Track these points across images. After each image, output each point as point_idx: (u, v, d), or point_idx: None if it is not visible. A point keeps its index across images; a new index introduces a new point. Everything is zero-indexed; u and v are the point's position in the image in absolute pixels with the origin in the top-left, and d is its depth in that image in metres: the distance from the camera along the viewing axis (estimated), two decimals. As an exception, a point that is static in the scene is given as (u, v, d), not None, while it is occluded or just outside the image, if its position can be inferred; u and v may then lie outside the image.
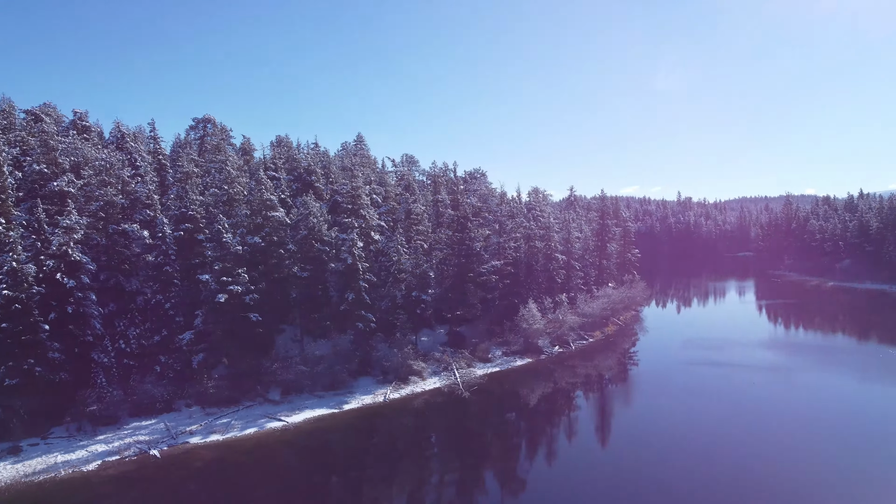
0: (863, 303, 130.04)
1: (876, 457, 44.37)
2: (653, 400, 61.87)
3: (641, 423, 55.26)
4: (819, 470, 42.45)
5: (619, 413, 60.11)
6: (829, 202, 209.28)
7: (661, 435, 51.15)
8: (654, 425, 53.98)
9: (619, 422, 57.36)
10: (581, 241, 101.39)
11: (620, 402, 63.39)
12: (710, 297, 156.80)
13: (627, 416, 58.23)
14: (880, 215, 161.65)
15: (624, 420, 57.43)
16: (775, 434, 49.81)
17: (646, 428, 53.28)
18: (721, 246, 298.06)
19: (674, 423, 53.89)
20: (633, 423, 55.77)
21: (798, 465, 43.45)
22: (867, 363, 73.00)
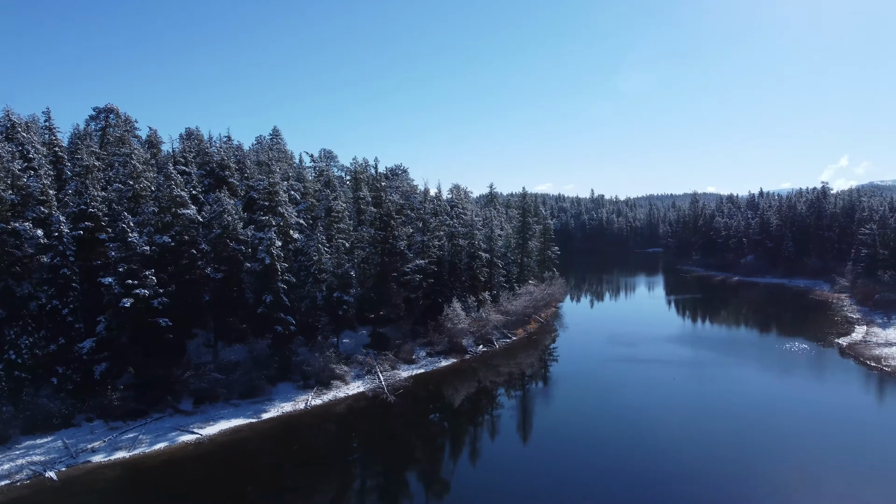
0: (763, 296, 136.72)
1: (792, 445, 45.81)
2: (574, 396, 62.57)
3: (563, 419, 55.98)
4: (738, 460, 43.29)
5: (541, 410, 60.21)
6: (732, 200, 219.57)
7: (583, 431, 52.07)
8: (576, 422, 54.80)
9: (542, 419, 57.52)
10: (503, 238, 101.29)
11: (543, 400, 63.48)
12: (624, 293, 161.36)
13: (550, 413, 58.75)
14: (779, 213, 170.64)
15: (546, 417, 57.86)
16: (698, 428, 50.82)
17: (567, 424, 54.26)
18: (632, 242, 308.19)
19: (595, 420, 54.78)
20: (555, 419, 56.41)
21: (719, 458, 44.28)
22: (769, 356, 75.98)
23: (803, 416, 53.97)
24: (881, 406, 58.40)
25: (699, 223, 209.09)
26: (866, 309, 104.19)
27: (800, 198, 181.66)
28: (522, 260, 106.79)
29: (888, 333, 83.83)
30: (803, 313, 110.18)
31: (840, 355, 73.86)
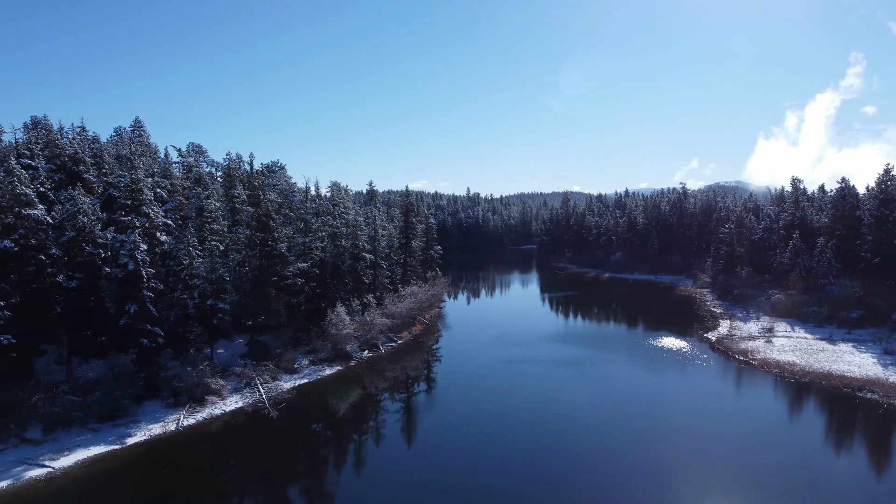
0: (634, 292, 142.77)
1: (678, 439, 46.77)
2: (460, 399, 61.53)
3: (448, 422, 54.99)
4: (626, 456, 43.52)
5: (426, 414, 58.43)
6: (602, 200, 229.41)
7: (468, 434, 51.47)
8: (461, 424, 54.03)
9: (427, 422, 55.96)
10: (386, 238, 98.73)
11: (428, 403, 61.70)
12: (503, 291, 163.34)
13: (435, 417, 57.18)
14: (645, 213, 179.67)
15: (432, 420, 56.27)
16: (585, 430, 50.84)
17: (452, 427, 53.57)
18: (507, 239, 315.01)
19: (481, 422, 53.96)
20: (441, 422, 55.16)
21: (606, 453, 44.32)
22: (648, 352, 78.27)
23: (686, 412, 55.56)
24: (752, 398, 61.30)
25: (571, 222, 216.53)
26: (727, 303, 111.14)
27: (662, 198, 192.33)
28: (406, 260, 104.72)
29: (749, 327, 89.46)
30: (672, 309, 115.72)
31: (711, 350, 77.48)
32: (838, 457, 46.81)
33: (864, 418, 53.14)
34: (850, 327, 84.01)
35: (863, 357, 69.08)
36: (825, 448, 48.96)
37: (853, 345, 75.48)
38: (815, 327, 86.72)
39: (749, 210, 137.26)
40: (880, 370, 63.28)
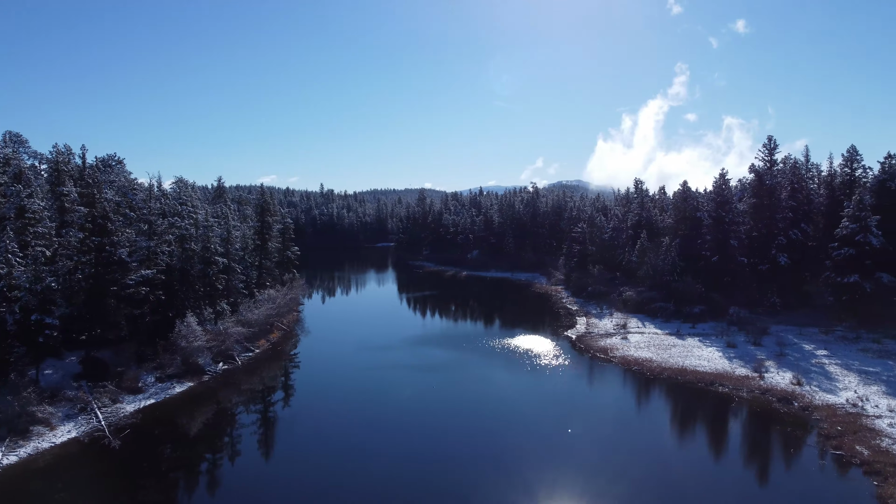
0: (493, 290, 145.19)
1: (548, 438, 46.46)
2: (323, 408, 58.03)
3: (311, 433, 51.79)
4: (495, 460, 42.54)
5: (286, 426, 54.52)
6: (457, 198, 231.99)
7: (330, 444, 48.93)
8: (325, 434, 51.17)
9: (288, 434, 52.24)
10: (240, 239, 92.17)
11: (289, 414, 57.69)
12: (361, 291, 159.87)
13: (297, 428, 53.31)
14: (501, 212, 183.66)
15: (293, 432, 52.51)
16: (455, 436, 49.28)
17: (315, 438, 50.71)
18: (362, 237, 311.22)
19: (344, 432, 51.10)
20: (303, 434, 51.66)
21: (475, 458, 43.04)
22: (513, 352, 78.43)
23: (559, 413, 55.51)
24: (618, 396, 62.92)
25: (429, 220, 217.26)
26: (581, 300, 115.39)
27: (516, 197, 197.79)
28: (262, 262, 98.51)
29: (605, 324, 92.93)
30: (531, 306, 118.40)
31: (573, 349, 79.22)
32: (701, 450, 48.52)
33: (720, 411, 55.97)
34: (694, 321, 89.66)
35: (710, 351, 73.48)
36: (689, 443, 50.64)
37: (699, 339, 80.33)
38: (663, 322, 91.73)
39: (599, 210, 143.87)
40: (727, 364, 67.39)
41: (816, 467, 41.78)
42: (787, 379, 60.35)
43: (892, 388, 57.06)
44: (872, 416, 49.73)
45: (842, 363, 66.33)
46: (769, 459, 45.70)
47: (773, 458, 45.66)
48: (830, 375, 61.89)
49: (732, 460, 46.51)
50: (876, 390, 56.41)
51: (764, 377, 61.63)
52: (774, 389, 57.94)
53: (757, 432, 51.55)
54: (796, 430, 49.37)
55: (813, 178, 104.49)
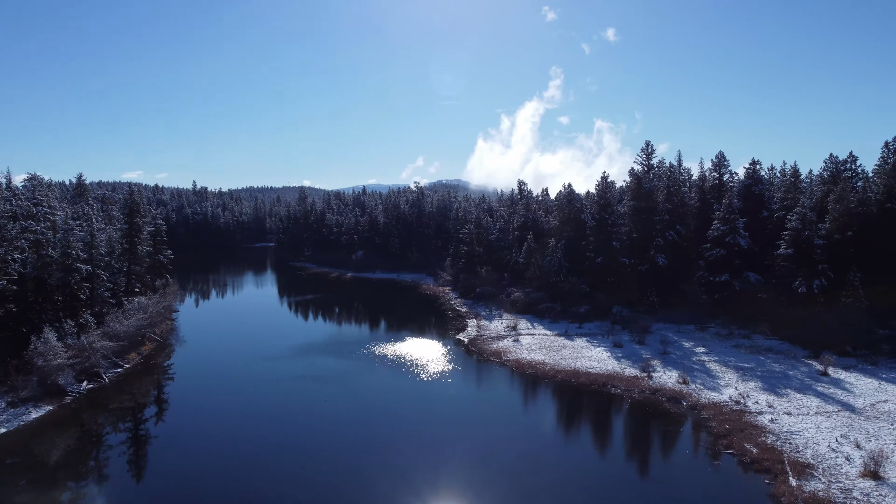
0: (380, 292, 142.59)
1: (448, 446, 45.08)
2: (199, 424, 54.00)
3: (186, 452, 48.19)
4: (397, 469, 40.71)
5: (160, 446, 49.99)
6: (340, 197, 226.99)
7: (206, 462, 45.90)
8: (200, 453, 47.89)
9: (161, 454, 48.03)
10: (105, 243, 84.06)
11: (164, 433, 53.02)
12: (240, 296, 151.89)
13: (172, 448, 49.13)
14: (386, 212, 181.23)
15: (168, 451, 48.33)
16: (351, 450, 46.81)
17: (190, 457, 47.23)
18: (239, 237, 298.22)
19: (222, 447, 48.03)
20: (178, 453, 47.86)
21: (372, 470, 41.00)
22: (405, 358, 76.40)
23: (459, 419, 54.25)
24: (515, 401, 62.63)
25: (311, 220, 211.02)
26: (470, 301, 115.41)
27: (401, 197, 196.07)
28: (130, 268, 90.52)
29: (495, 326, 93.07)
30: (421, 309, 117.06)
31: (467, 353, 78.39)
32: (601, 453, 48.79)
33: (616, 413, 56.97)
34: (580, 321, 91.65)
35: (599, 351, 75.03)
36: (589, 446, 50.87)
37: (587, 339, 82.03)
38: (551, 323, 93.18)
39: (485, 211, 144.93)
40: (616, 364, 68.91)
41: (712, 468, 42.83)
42: (673, 378, 62.38)
43: (767, 383, 60.31)
44: (755, 413, 52.07)
45: (720, 360, 69.66)
46: (668, 461, 46.48)
47: (671, 460, 46.48)
48: (712, 373, 64.68)
49: (632, 463, 47.16)
50: (754, 386, 59.39)
51: (652, 377, 63.43)
52: (663, 389, 59.64)
53: (653, 434, 52.63)
54: (689, 430, 50.89)
55: (685, 181, 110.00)
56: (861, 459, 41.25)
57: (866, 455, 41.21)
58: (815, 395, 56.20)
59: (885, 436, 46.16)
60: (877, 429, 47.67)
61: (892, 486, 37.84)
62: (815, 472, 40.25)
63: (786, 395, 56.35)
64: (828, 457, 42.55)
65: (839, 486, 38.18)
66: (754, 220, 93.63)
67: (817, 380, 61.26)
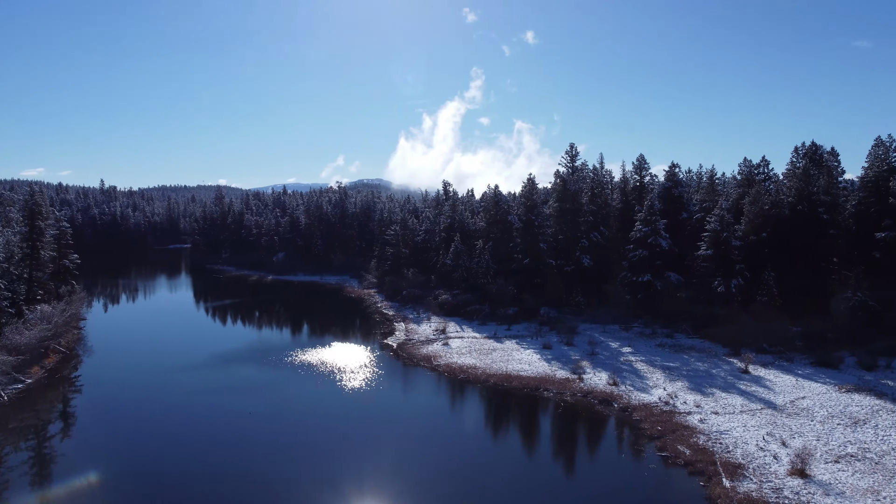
0: (303, 296, 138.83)
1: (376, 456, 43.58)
2: (114, 438, 50.29)
3: (97, 463, 45.04)
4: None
5: (67, 461, 46.51)
6: (259, 197, 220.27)
7: (126, 475, 43.07)
8: (117, 464, 44.98)
9: (69, 469, 44.60)
10: (2, 247, 77.64)
11: (70, 448, 49.38)
12: (153, 301, 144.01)
13: (80, 461, 45.69)
14: (308, 212, 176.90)
15: (75, 466, 44.91)
16: (280, 467, 44.57)
17: (104, 467, 44.48)
18: (151, 238, 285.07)
19: (131, 464, 44.46)
20: (89, 465, 44.62)
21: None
22: (333, 365, 73.84)
23: (395, 429, 52.63)
24: (448, 407, 61.51)
25: (228, 220, 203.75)
26: (397, 304, 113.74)
27: (323, 197, 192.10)
28: (31, 275, 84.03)
29: (424, 329, 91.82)
30: (346, 312, 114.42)
31: (396, 358, 76.74)
32: (537, 459, 48.25)
33: (550, 417, 56.80)
34: (509, 323, 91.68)
35: (529, 354, 74.99)
36: (525, 452, 50.28)
37: (517, 341, 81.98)
38: (479, 325, 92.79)
39: (410, 212, 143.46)
40: (547, 367, 68.96)
41: (648, 472, 42.93)
42: (603, 380, 62.88)
43: (693, 382, 61.64)
44: (684, 413, 52.95)
45: (646, 360, 70.89)
46: (605, 466, 46.35)
47: (608, 465, 46.39)
48: (640, 373, 65.64)
49: (569, 469, 46.77)
50: (681, 386, 60.56)
51: (583, 379, 63.74)
52: (595, 391, 59.96)
53: (588, 438, 52.76)
54: (623, 433, 51.17)
55: (607, 183, 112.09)
56: (788, 458, 42.35)
57: (792, 453, 42.34)
58: (739, 394, 57.79)
59: (806, 432, 47.75)
60: (798, 425, 49.29)
61: (819, 483, 38.94)
62: (746, 472, 41.01)
63: (712, 395, 57.67)
64: (757, 456, 43.52)
65: (770, 485, 38.98)
66: (674, 221, 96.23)
67: (739, 378, 63.13)
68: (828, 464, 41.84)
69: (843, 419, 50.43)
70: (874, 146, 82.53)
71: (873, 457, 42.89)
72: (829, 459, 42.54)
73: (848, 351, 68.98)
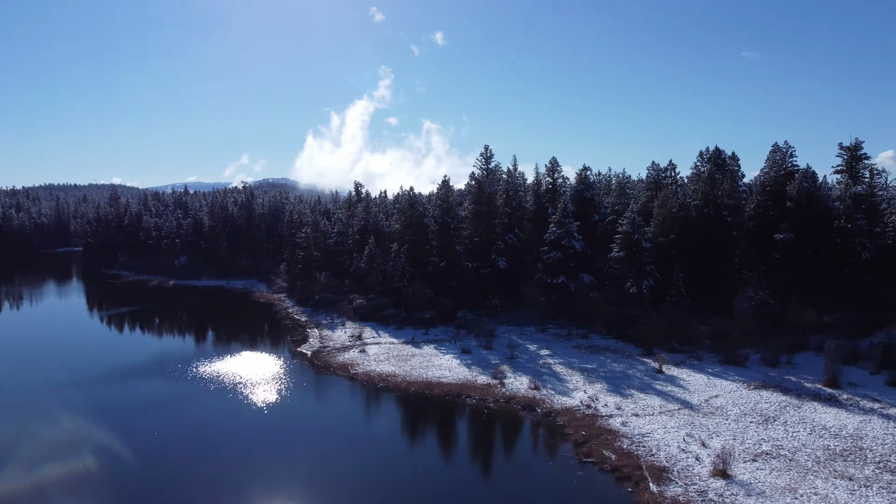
0: (208, 301, 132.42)
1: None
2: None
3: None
4: None
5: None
6: (159, 197, 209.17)
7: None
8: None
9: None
10: None
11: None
12: (41, 310, 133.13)
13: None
14: (212, 214, 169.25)
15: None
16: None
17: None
18: (38, 241, 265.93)
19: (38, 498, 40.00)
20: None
21: None
22: (246, 376, 70.06)
23: (313, 443, 50.10)
24: (368, 417, 59.52)
25: (125, 222, 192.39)
26: (309, 309, 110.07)
27: (228, 197, 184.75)
28: None
29: (339, 335, 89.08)
30: (256, 319, 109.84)
31: (311, 367, 73.78)
32: (463, 469, 47.06)
33: (474, 425, 55.75)
34: (426, 327, 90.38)
35: (448, 359, 73.91)
36: (449, 462, 48.97)
37: (435, 346, 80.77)
38: (396, 330, 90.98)
39: (322, 214, 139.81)
40: (468, 372, 68.07)
41: (577, 479, 42.50)
42: (525, 384, 62.57)
43: (611, 384, 62.33)
44: (606, 416, 53.29)
45: (564, 362, 71.33)
46: (534, 475, 45.12)
47: (537, 474, 45.33)
48: (560, 376, 65.83)
49: (498, 479, 45.66)
50: (601, 388, 61.08)
51: (505, 384, 63.23)
52: (517, 397, 59.51)
53: (514, 445, 52.25)
54: (548, 440, 50.73)
55: (521, 185, 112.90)
56: (709, 458, 43.13)
57: (713, 454, 43.21)
58: (657, 394, 58.86)
59: (723, 431, 48.97)
60: (715, 425, 50.52)
61: (740, 483, 39.75)
62: (671, 475, 41.41)
63: (630, 396, 58.44)
64: (680, 458, 44.10)
65: (695, 488, 39.46)
66: (587, 223, 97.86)
67: (655, 378, 64.43)
68: (746, 463, 42.90)
69: (755, 417, 52.15)
70: (772, 151, 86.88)
71: (787, 454, 44.36)
72: (747, 458, 43.64)
73: (752, 348, 71.80)
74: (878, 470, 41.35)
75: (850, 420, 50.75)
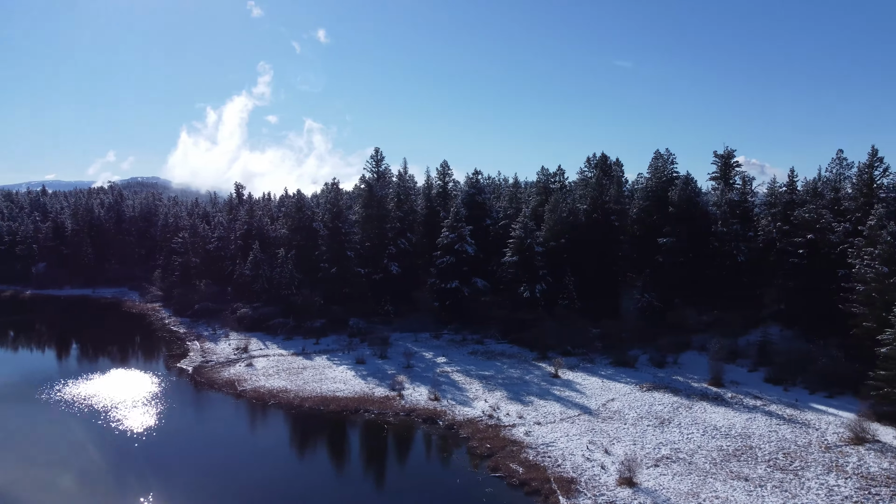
0: (72, 312, 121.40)
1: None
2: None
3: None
4: None
5: None
6: (12, 198, 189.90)
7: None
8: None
9: None
10: None
11: None
12: None
13: None
14: (76, 217, 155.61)
15: None
16: None
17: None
18: None
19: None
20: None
21: None
22: (119, 398, 63.77)
23: (195, 473, 45.74)
24: (260, 441, 55.52)
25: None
26: (188, 320, 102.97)
27: (94, 199, 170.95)
28: None
29: (223, 348, 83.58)
30: (128, 331, 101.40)
31: (194, 385, 68.28)
32: (364, 492, 44.60)
33: (374, 442, 53.34)
34: (317, 336, 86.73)
35: (342, 371, 70.94)
36: (355, 482, 46.34)
37: (328, 357, 77.49)
38: (285, 340, 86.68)
39: (200, 217, 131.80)
40: (364, 385, 65.41)
41: (487, 497, 41.18)
42: (424, 395, 60.86)
43: (510, 391, 61.93)
44: (509, 426, 52.55)
45: (462, 370, 70.34)
46: (442, 495, 43.36)
47: (444, 493, 43.38)
48: (459, 385, 64.68)
49: (405, 499, 43.60)
50: (500, 396, 60.48)
51: (403, 395, 61.22)
52: (418, 409, 57.65)
53: (419, 462, 50.17)
54: (453, 454, 49.14)
55: (412, 189, 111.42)
56: (614, 466, 43.23)
57: (617, 461, 43.43)
58: (555, 400, 58.97)
59: (623, 437, 49.53)
60: (615, 430, 51.06)
61: (646, 491, 39.97)
62: (579, 486, 41.05)
63: (531, 403, 58.16)
64: (585, 467, 43.92)
65: (604, 498, 39.23)
66: (479, 227, 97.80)
67: (552, 383, 64.73)
68: (650, 469, 43.34)
69: (651, 420, 53.27)
70: (654, 158, 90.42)
71: (685, 457, 45.35)
72: (649, 464, 44.13)
73: (640, 349, 74.05)
74: (770, 469, 43.01)
75: (737, 419, 52.96)
